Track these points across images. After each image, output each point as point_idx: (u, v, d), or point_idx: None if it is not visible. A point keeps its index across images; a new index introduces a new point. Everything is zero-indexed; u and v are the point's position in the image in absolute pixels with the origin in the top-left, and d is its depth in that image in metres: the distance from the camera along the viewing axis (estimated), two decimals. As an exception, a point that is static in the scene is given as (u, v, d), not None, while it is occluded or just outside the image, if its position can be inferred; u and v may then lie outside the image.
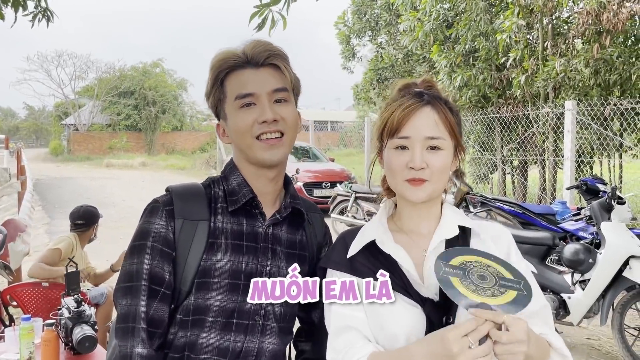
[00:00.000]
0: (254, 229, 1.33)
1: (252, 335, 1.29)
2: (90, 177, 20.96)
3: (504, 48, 8.80)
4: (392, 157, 1.24)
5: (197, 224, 1.28)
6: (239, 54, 1.31)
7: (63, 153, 35.15)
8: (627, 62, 7.95)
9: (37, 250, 8.27)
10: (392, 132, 1.23)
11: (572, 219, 5.29)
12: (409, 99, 1.24)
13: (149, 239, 1.26)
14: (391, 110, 1.24)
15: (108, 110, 34.96)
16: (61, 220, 10.87)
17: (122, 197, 14.10)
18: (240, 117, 1.30)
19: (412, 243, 1.28)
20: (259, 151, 1.30)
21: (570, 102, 7.70)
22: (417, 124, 1.21)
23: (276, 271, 1.32)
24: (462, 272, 1.10)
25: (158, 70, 35.79)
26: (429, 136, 1.21)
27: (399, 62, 13.15)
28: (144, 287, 1.23)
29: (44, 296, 3.56)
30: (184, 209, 1.28)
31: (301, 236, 1.41)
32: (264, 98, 1.30)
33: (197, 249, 1.27)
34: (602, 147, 8.65)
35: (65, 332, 2.64)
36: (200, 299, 1.26)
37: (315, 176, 11.76)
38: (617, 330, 3.90)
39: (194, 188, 1.34)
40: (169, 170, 24.52)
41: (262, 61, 1.31)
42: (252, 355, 1.29)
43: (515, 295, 1.07)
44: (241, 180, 1.34)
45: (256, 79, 1.30)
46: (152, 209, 1.30)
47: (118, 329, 1.24)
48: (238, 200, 1.32)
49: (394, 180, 1.25)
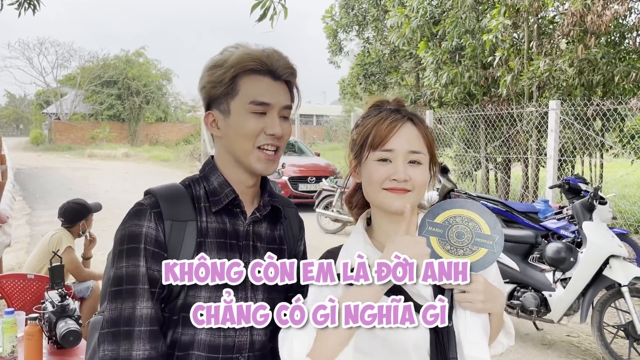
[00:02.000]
0: (235, 228, 1.36)
1: (243, 329, 1.31)
2: (72, 168, 20.71)
3: (491, 47, 8.87)
4: (374, 169, 1.25)
5: (186, 224, 1.29)
6: (264, 60, 1.32)
7: (44, 142, 34.65)
8: (610, 63, 8.07)
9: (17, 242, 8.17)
10: (376, 145, 1.25)
11: (554, 218, 5.37)
12: (389, 114, 1.28)
13: (141, 242, 1.25)
14: (373, 124, 1.27)
15: (91, 99, 34.53)
16: (42, 211, 10.74)
17: (105, 188, 13.94)
18: (251, 121, 1.31)
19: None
20: (256, 161, 1.32)
21: (554, 101, 7.80)
22: (401, 138, 1.25)
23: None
24: (442, 231, 1.24)
25: (141, 60, 35.38)
26: (412, 150, 1.25)
27: (385, 57, 13.18)
28: (143, 289, 1.23)
29: (29, 288, 3.52)
30: (171, 210, 1.29)
31: (279, 231, 1.45)
32: (275, 112, 1.33)
33: (188, 249, 1.28)
34: (584, 147, 8.78)
35: (49, 326, 2.62)
36: (190, 296, 1.27)
37: (300, 170, 11.76)
38: (597, 328, 3.98)
39: (176, 189, 1.35)
40: (152, 161, 24.31)
41: (282, 76, 1.35)
42: (244, 349, 1.32)
43: (484, 254, 1.23)
44: (222, 180, 1.36)
45: (273, 91, 1.32)
46: (138, 212, 1.28)
47: (106, 334, 1.21)
48: (221, 201, 1.34)
49: (372, 191, 1.26)
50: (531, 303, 4.23)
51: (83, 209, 4.17)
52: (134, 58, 35.11)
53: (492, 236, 1.24)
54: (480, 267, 1.22)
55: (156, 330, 1.24)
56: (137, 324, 1.21)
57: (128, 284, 1.23)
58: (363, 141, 1.29)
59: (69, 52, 37.34)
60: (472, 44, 9.33)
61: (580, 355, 4.30)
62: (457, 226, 1.24)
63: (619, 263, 3.97)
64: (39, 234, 7.60)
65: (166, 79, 36.53)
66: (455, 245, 1.23)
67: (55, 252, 3.09)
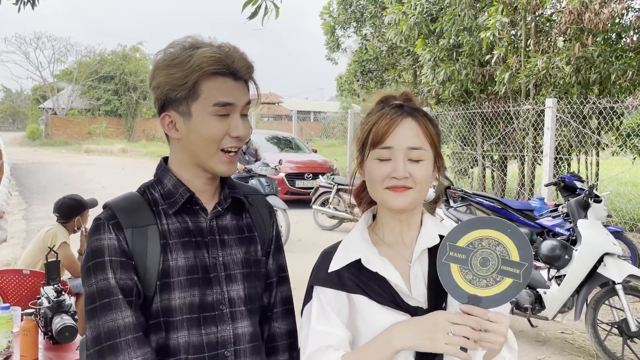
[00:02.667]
0: (198, 225, 1.33)
1: (223, 324, 1.30)
2: (69, 163, 20.66)
3: (488, 45, 8.87)
4: (374, 167, 1.24)
5: (147, 229, 1.28)
6: (224, 62, 1.27)
7: (41, 137, 34.56)
8: (607, 61, 8.08)
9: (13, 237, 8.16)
10: (375, 143, 1.24)
11: (549, 215, 5.39)
12: (390, 111, 1.26)
13: (105, 255, 1.23)
14: (373, 122, 1.26)
15: (87, 94, 34.45)
16: (39, 206, 10.72)
17: (102, 183, 13.93)
18: (214, 124, 1.28)
19: (395, 254, 1.29)
20: (219, 163, 1.31)
21: (551, 99, 7.81)
22: (399, 135, 1.22)
23: (230, 259, 1.34)
24: (465, 257, 1.12)
25: (138, 55, 35.28)
26: (411, 146, 1.22)
27: (383, 54, 13.17)
28: (117, 300, 1.21)
29: (24, 284, 3.52)
30: (128, 218, 1.27)
31: (247, 219, 1.43)
32: (238, 111, 1.30)
33: (154, 253, 1.26)
34: (580, 145, 8.80)
35: (45, 322, 2.62)
36: (164, 299, 1.25)
37: (297, 167, 11.76)
38: (591, 325, 4.00)
39: (132, 197, 1.33)
40: (149, 157, 24.25)
41: (243, 75, 1.31)
42: (229, 343, 1.30)
43: (509, 285, 1.09)
44: (175, 181, 1.33)
45: (235, 91, 1.29)
46: (97, 227, 1.26)
47: (92, 354, 1.19)
48: (176, 202, 1.32)
49: (374, 190, 1.26)
50: (526, 300, 4.25)
51: (78, 205, 4.17)
52: (130, 53, 35.01)
53: (520, 264, 1.10)
54: (501, 300, 1.10)
55: (141, 336, 1.21)
56: (119, 335, 1.19)
57: (101, 299, 1.20)
58: (365, 139, 1.27)
59: (66, 47, 37.29)
60: (470, 42, 9.33)
61: (574, 352, 4.33)
62: (483, 251, 1.11)
63: (613, 261, 3.98)
64: (35, 229, 7.59)
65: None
66: (479, 275, 1.11)
67: (51, 248, 3.09)
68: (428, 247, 1.28)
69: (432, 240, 1.28)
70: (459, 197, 5.57)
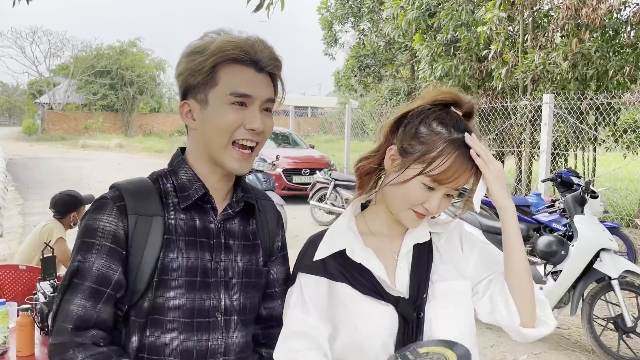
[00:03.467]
0: (206, 225, 1.29)
1: (216, 332, 1.26)
2: (66, 158, 20.61)
3: (485, 40, 8.86)
4: (416, 191, 1.21)
5: (152, 219, 1.23)
6: (248, 50, 1.24)
7: (37, 132, 34.45)
8: (604, 56, 8.09)
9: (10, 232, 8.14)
10: (436, 179, 1.19)
11: (546, 211, 5.41)
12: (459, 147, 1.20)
13: (96, 238, 1.20)
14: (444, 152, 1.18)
15: (84, 89, 34.31)
16: (35, 202, 10.69)
17: (98, 179, 13.89)
18: (229, 113, 1.22)
19: (381, 245, 1.30)
20: (229, 159, 1.25)
21: (548, 95, 7.82)
22: (455, 177, 1.20)
23: (230, 265, 1.30)
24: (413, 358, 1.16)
25: (135, 50, 35.16)
26: (457, 188, 1.23)
27: (380, 49, 13.17)
28: (87, 287, 1.18)
29: (20, 279, 3.51)
30: (136, 205, 1.23)
31: (253, 226, 1.38)
32: (257, 105, 1.25)
33: (154, 246, 1.22)
34: (577, 140, 8.82)
35: (41, 317, 2.61)
36: (159, 297, 1.21)
37: (294, 162, 11.74)
38: (587, 320, 4.01)
39: (143, 183, 1.28)
40: (146, 152, 24.21)
41: (266, 68, 1.27)
42: (219, 352, 1.26)
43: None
44: (191, 174, 1.29)
45: (256, 83, 1.24)
46: (100, 206, 1.23)
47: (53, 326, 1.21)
48: (190, 196, 1.27)
49: (400, 206, 1.25)
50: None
51: (74, 201, 4.15)
52: (127, 48, 34.88)
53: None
54: None
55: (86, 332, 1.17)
56: (69, 322, 1.17)
57: (73, 278, 1.20)
58: (422, 159, 1.20)
59: (62, 42, 37.17)
60: (467, 37, 9.33)
61: (570, 347, 4.34)
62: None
63: (609, 256, 3.99)
64: (32, 224, 7.57)
65: (160, 69, 36.33)
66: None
67: (47, 244, 3.08)
68: (419, 242, 1.30)
69: (424, 236, 1.31)
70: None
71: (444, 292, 1.26)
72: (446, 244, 1.33)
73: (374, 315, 1.24)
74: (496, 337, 4.49)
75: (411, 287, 1.25)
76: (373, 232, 1.32)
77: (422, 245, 1.30)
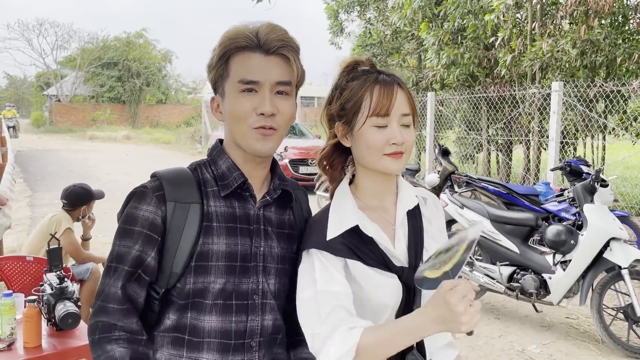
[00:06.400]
0: (246, 212, 1.33)
1: (254, 314, 1.31)
2: (73, 150, 20.68)
3: (493, 28, 8.76)
4: (373, 134, 1.28)
5: (189, 206, 1.28)
6: (252, 35, 1.27)
7: (45, 124, 34.59)
8: (613, 43, 7.97)
9: (18, 224, 8.19)
10: (375, 112, 1.27)
11: (555, 200, 5.36)
12: (379, 78, 1.30)
13: (136, 225, 1.26)
14: (366, 89, 1.29)
15: (91, 81, 34.37)
16: (43, 193, 10.74)
17: (106, 170, 13.94)
18: (240, 101, 1.26)
19: (380, 218, 1.36)
20: (251, 140, 1.28)
21: (557, 83, 7.72)
22: (395, 103, 1.28)
23: (269, 251, 1.34)
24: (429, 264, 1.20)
25: (141, 41, 35.13)
26: (403, 113, 1.29)
27: (387, 38, 13.06)
28: (124, 270, 1.25)
29: (28, 270, 3.52)
30: (174, 192, 1.28)
31: (289, 215, 1.42)
32: (267, 88, 1.26)
33: (190, 232, 1.27)
34: (586, 129, 8.72)
35: (48, 309, 2.62)
36: (199, 282, 1.26)
37: (301, 153, 11.71)
38: (596, 310, 3.98)
39: (182, 172, 1.33)
40: (153, 143, 24.26)
41: (273, 50, 1.28)
42: (256, 333, 1.31)
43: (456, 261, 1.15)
44: (230, 163, 1.33)
45: (264, 67, 1.26)
46: (140, 194, 1.28)
47: (95, 306, 1.28)
48: (230, 184, 1.31)
49: (372, 156, 1.30)
50: (531, 285, 4.23)
51: (86, 194, 4.17)
52: (134, 39, 34.85)
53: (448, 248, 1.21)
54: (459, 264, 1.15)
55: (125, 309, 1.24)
56: (107, 300, 1.24)
57: (113, 262, 1.27)
58: (357, 108, 1.30)
59: (69, 34, 37.18)
60: (474, 25, 9.22)
61: (579, 337, 4.32)
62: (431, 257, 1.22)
63: (619, 246, 3.95)
64: (40, 215, 7.61)
65: (167, 61, 36.30)
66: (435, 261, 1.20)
67: (52, 235, 3.08)
68: (409, 209, 1.37)
69: (411, 202, 1.38)
70: (463, 182, 5.53)
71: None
72: (430, 210, 1.43)
73: (384, 287, 1.29)
74: (504, 327, 4.47)
75: (409, 256, 1.32)
76: (369, 206, 1.36)
77: (413, 214, 1.38)
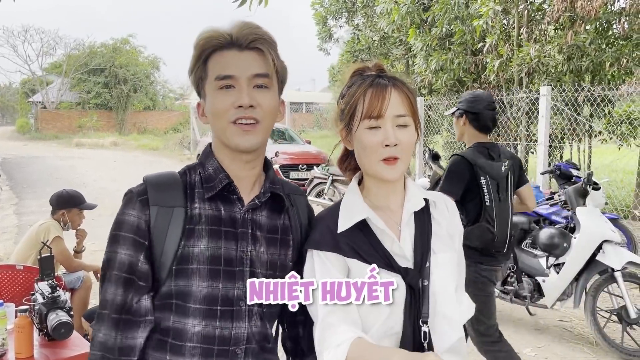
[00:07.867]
0: (231, 215, 1.31)
1: (239, 321, 1.28)
2: (60, 157, 20.47)
3: (480, 34, 8.83)
4: (367, 136, 1.29)
5: (173, 210, 1.27)
6: (225, 34, 1.28)
7: (30, 131, 34.20)
8: (598, 48, 8.06)
9: (5, 232, 8.07)
10: (366, 114, 1.29)
11: (546, 203, 5.38)
12: (373, 81, 1.31)
13: (122, 230, 1.27)
14: (361, 93, 1.31)
15: (77, 88, 34.06)
16: (30, 201, 10.61)
17: (94, 177, 13.80)
18: (219, 98, 1.27)
19: (386, 218, 1.35)
20: (233, 136, 1.28)
21: (545, 87, 7.79)
22: (388, 104, 1.29)
23: (257, 256, 1.31)
24: None
25: (128, 48, 34.92)
26: (397, 114, 1.29)
27: (375, 44, 13.12)
28: (115, 276, 1.25)
29: (18, 279, 3.45)
30: (157, 196, 1.28)
31: (283, 220, 1.38)
32: (243, 82, 1.27)
33: (174, 235, 1.26)
34: (573, 133, 8.80)
35: (40, 318, 2.57)
36: (180, 285, 1.25)
37: (291, 158, 11.71)
38: (590, 312, 3.99)
39: (168, 176, 1.33)
40: (141, 150, 24.09)
41: (247, 44, 1.28)
42: (242, 341, 1.28)
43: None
44: (217, 165, 1.33)
45: (238, 62, 1.27)
46: (127, 200, 1.30)
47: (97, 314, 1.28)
48: (214, 187, 1.30)
49: (368, 160, 1.31)
50: (524, 289, 4.24)
51: (69, 199, 4.01)
52: (121, 46, 34.63)
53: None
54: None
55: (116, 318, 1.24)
56: (105, 307, 1.25)
57: (105, 270, 1.28)
58: (352, 111, 1.31)
59: (54, 40, 37.06)
60: (462, 30, 9.29)
61: (573, 339, 4.33)
62: None
63: (612, 248, 3.97)
64: (27, 223, 7.51)
65: (154, 67, 36.11)
66: None
67: (44, 243, 3.03)
68: (415, 210, 1.36)
69: (419, 204, 1.37)
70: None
71: (445, 263, 1.34)
72: (441, 213, 1.41)
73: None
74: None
75: (415, 257, 1.32)
76: (376, 205, 1.36)
77: (422, 215, 1.37)
